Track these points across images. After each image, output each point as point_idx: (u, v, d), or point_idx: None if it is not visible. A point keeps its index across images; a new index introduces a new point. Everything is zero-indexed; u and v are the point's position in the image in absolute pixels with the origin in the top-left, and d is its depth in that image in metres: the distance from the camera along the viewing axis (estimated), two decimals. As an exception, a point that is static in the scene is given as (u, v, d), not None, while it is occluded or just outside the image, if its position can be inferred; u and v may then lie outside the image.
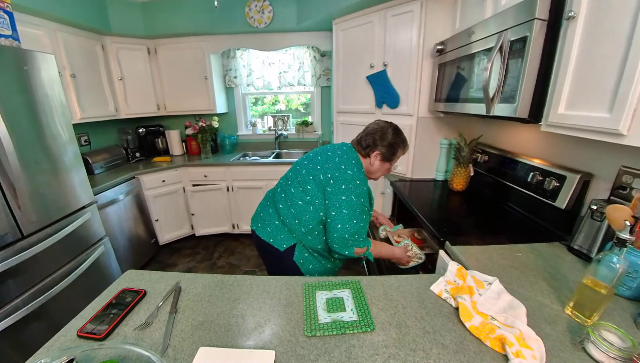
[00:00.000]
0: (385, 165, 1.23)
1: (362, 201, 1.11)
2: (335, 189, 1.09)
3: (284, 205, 1.18)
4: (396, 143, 1.20)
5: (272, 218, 1.21)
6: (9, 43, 1.47)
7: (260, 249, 1.28)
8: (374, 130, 1.21)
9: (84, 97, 2.32)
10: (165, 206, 2.80)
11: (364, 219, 1.12)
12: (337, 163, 1.13)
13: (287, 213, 1.16)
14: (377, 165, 1.21)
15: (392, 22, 1.91)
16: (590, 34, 0.84)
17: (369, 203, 1.19)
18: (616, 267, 0.68)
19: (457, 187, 1.76)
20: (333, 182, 1.10)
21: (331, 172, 1.12)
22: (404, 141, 1.23)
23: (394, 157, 1.22)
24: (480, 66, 1.28)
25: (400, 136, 1.22)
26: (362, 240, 1.13)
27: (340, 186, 1.09)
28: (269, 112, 3.47)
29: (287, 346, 0.67)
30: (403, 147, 1.23)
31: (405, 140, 1.23)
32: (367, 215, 1.15)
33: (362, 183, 1.12)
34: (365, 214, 1.13)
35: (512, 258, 1.03)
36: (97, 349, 0.64)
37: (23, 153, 1.42)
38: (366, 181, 1.17)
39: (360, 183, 1.11)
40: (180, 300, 0.84)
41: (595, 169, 1.13)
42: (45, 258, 1.55)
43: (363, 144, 1.20)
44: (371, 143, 1.19)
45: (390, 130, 1.20)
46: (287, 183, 1.21)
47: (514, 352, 0.61)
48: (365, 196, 1.14)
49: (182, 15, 2.64)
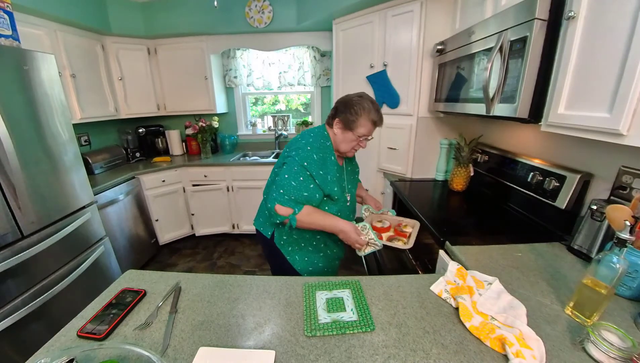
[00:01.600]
0: (348, 134, 1.12)
1: (306, 165, 1.07)
2: (287, 157, 1.12)
3: (266, 194, 1.21)
4: (356, 109, 1.09)
5: (262, 209, 1.28)
6: (9, 43, 1.47)
7: (261, 244, 1.33)
8: (339, 100, 1.16)
9: (84, 97, 2.32)
10: (165, 206, 2.80)
11: (300, 181, 1.06)
12: (297, 138, 1.17)
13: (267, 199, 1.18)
14: (339, 135, 1.14)
15: (392, 22, 1.91)
16: (590, 34, 0.84)
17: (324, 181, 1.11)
18: (616, 267, 0.68)
19: (457, 187, 1.76)
20: (287, 152, 1.15)
21: (289, 146, 1.16)
22: (368, 108, 1.09)
23: (355, 125, 1.10)
24: (480, 66, 1.28)
25: (363, 101, 1.10)
26: (288, 199, 1.06)
27: (291, 152, 1.11)
28: (269, 112, 3.47)
29: (287, 346, 0.67)
30: (366, 114, 1.09)
31: (369, 107, 1.10)
32: (305, 179, 1.07)
33: (313, 149, 1.10)
34: (304, 177, 1.07)
35: (512, 258, 1.03)
36: (97, 349, 0.64)
37: (23, 153, 1.42)
38: (324, 152, 1.12)
39: (311, 149, 1.09)
40: (180, 300, 0.84)
41: (595, 169, 1.13)
42: (45, 258, 1.55)
43: (329, 115, 1.19)
44: (334, 111, 1.15)
45: (354, 96, 1.13)
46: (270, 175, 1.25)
47: (514, 352, 0.61)
48: (312, 162, 1.08)
49: (182, 15, 2.64)
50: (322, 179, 1.11)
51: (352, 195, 1.31)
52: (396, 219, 1.44)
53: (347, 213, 1.28)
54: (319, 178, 1.10)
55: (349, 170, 1.31)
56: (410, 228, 1.35)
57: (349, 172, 1.31)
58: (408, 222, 1.41)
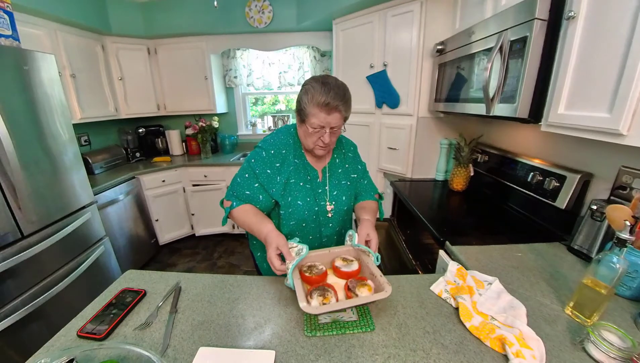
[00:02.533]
0: (303, 127, 0.94)
1: (252, 163, 1.00)
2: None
3: None
4: (302, 96, 0.90)
5: None
6: (9, 43, 1.47)
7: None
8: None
9: (84, 97, 2.32)
10: (165, 206, 2.80)
11: (244, 177, 0.99)
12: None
13: None
14: (299, 130, 0.98)
15: (392, 22, 1.91)
16: (590, 34, 0.84)
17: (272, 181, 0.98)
18: (616, 267, 0.68)
19: (457, 187, 1.76)
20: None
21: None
22: (312, 90, 0.87)
23: (303, 114, 0.91)
24: (480, 66, 1.28)
25: (310, 83, 0.89)
26: (231, 194, 1.01)
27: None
28: (269, 112, 3.47)
29: (287, 346, 0.67)
30: (309, 97, 0.87)
31: (315, 89, 0.87)
32: (250, 177, 0.99)
33: (265, 146, 1.00)
34: (249, 175, 0.99)
35: (512, 258, 1.03)
36: (97, 349, 0.64)
37: (23, 153, 1.42)
38: (284, 150, 1.00)
39: (262, 145, 1.01)
40: (180, 300, 0.84)
41: (595, 169, 1.13)
42: (45, 258, 1.55)
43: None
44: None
45: (310, 78, 0.93)
46: None
47: (514, 352, 0.61)
48: (260, 161, 0.98)
49: (182, 15, 2.64)
50: (268, 179, 0.98)
51: (340, 204, 1.06)
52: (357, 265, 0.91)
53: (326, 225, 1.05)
54: (263, 177, 0.98)
55: (338, 173, 1.08)
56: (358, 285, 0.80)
57: (338, 176, 1.08)
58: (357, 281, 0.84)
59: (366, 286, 0.76)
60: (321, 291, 0.75)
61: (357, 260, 0.91)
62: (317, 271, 0.86)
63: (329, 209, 1.05)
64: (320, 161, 1.07)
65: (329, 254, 0.94)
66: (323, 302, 0.71)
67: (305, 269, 0.87)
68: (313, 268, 0.87)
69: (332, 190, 1.06)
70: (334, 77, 0.92)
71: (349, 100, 0.92)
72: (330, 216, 1.05)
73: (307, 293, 0.76)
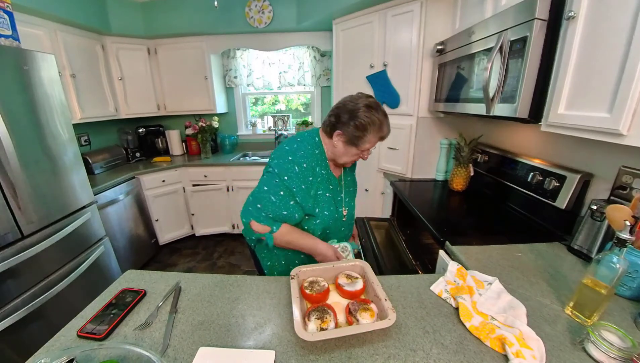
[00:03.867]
0: (352, 150, 0.99)
1: (286, 179, 0.95)
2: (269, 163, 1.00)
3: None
4: (364, 124, 0.93)
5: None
6: (9, 43, 1.47)
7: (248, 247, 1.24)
8: (344, 103, 0.98)
9: (84, 97, 2.32)
10: (165, 206, 2.80)
11: (280, 196, 0.95)
12: (284, 142, 1.04)
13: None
14: (340, 148, 0.99)
15: (392, 22, 1.91)
16: (590, 34, 0.84)
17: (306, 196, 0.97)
18: (616, 267, 0.68)
19: (457, 187, 1.76)
20: (270, 157, 1.01)
21: (274, 151, 1.03)
22: (378, 123, 0.95)
23: (361, 141, 0.96)
24: (480, 66, 1.28)
25: (372, 114, 0.94)
26: (265, 216, 0.96)
27: (273, 160, 0.99)
28: (269, 112, 3.47)
29: (287, 346, 0.67)
30: (376, 130, 0.95)
31: (379, 122, 0.95)
32: (286, 195, 0.95)
33: (295, 160, 0.96)
34: (285, 192, 0.95)
35: (512, 258, 1.03)
36: (97, 349, 0.64)
37: (23, 152, 1.42)
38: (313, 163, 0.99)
39: (292, 159, 0.96)
40: (180, 300, 0.84)
41: (595, 169, 1.13)
42: (45, 258, 1.55)
43: (326, 122, 1.01)
44: (334, 120, 0.98)
45: (362, 106, 0.94)
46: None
47: (514, 352, 0.61)
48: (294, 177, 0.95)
49: (182, 15, 2.64)
50: (303, 195, 0.97)
51: (351, 209, 1.16)
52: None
53: (340, 229, 1.13)
54: (300, 194, 0.96)
55: (347, 181, 1.15)
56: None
57: (348, 183, 1.15)
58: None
59: (369, 310, 0.72)
60: (320, 313, 0.72)
61: (362, 277, 0.87)
62: (319, 288, 0.82)
63: (344, 214, 1.13)
64: (337, 170, 1.11)
65: (333, 269, 0.89)
66: (321, 326, 0.68)
67: (307, 285, 0.83)
68: (315, 284, 0.83)
69: (345, 197, 1.13)
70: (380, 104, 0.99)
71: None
72: (344, 221, 1.13)
73: (306, 313, 0.73)
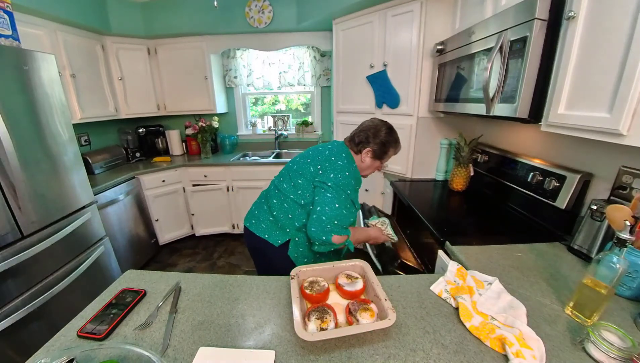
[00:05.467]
0: (376, 163, 1.24)
1: (349, 193, 1.13)
2: (324, 178, 1.12)
3: (277, 200, 1.20)
4: (388, 142, 1.21)
5: (266, 215, 1.23)
6: (9, 43, 1.47)
7: (251, 246, 1.29)
8: (368, 127, 1.22)
9: (84, 97, 2.32)
10: (165, 206, 2.80)
11: (347, 208, 1.12)
12: (327, 156, 1.18)
13: (280, 208, 1.18)
14: (367, 162, 1.22)
15: (392, 22, 1.91)
16: (590, 34, 0.84)
17: (357, 202, 1.20)
18: (616, 267, 0.68)
19: (457, 187, 1.76)
20: (322, 172, 1.14)
21: (321, 163, 1.16)
22: (397, 141, 1.24)
23: (385, 155, 1.23)
24: (480, 66, 1.28)
25: (393, 135, 1.23)
26: (343, 228, 1.11)
27: (329, 175, 1.12)
28: (269, 112, 3.47)
29: (287, 346, 0.67)
30: (395, 146, 1.24)
31: (397, 140, 1.24)
32: (351, 206, 1.15)
33: (351, 174, 1.14)
34: (350, 204, 1.14)
35: (512, 258, 1.03)
36: (97, 349, 0.64)
37: (23, 153, 1.42)
38: (357, 176, 1.19)
39: (349, 174, 1.13)
40: (180, 300, 0.84)
41: (595, 169, 1.13)
42: (45, 258, 1.55)
43: (356, 141, 1.22)
44: (364, 139, 1.20)
45: (384, 128, 1.21)
46: (280, 180, 1.24)
47: (514, 352, 0.61)
48: (352, 189, 1.14)
49: (182, 15, 2.64)
50: (357, 201, 1.19)
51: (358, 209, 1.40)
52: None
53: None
54: (356, 202, 1.18)
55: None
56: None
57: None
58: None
59: (368, 310, 0.73)
60: (320, 313, 0.72)
61: (362, 277, 0.87)
62: (319, 288, 0.82)
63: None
64: None
65: (333, 269, 0.90)
66: (321, 326, 0.69)
67: (307, 285, 0.83)
68: (315, 284, 0.84)
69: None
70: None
71: None
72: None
73: (306, 313, 0.74)
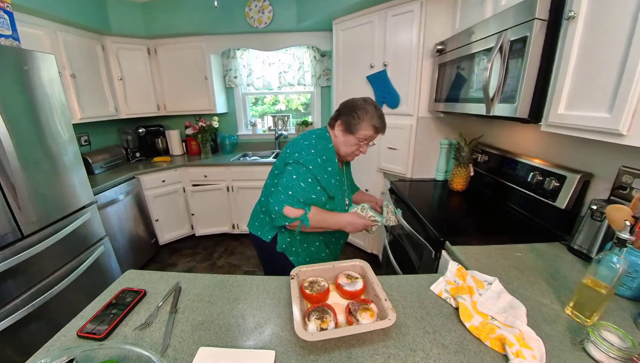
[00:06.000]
0: (349, 138, 1.12)
1: (311, 168, 1.06)
2: (289, 158, 1.10)
3: (264, 197, 1.21)
4: (359, 113, 1.08)
5: (258, 212, 1.27)
6: (9, 43, 1.47)
7: (255, 246, 1.32)
8: (345, 102, 1.15)
9: (84, 97, 2.32)
10: (165, 206, 2.80)
11: (308, 182, 1.06)
12: (297, 139, 1.15)
13: (267, 203, 1.17)
14: (340, 137, 1.13)
15: (392, 22, 1.91)
16: (590, 34, 0.84)
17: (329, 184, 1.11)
18: (616, 267, 0.68)
19: (457, 187, 1.76)
20: (289, 153, 1.12)
21: (290, 147, 1.14)
22: (371, 112, 1.09)
23: (356, 128, 1.09)
24: (480, 66, 1.28)
25: (367, 104, 1.10)
26: (297, 200, 1.04)
27: (294, 154, 1.09)
28: (269, 112, 3.47)
29: (287, 346, 0.67)
30: (369, 118, 1.09)
31: (372, 110, 1.09)
32: (314, 182, 1.07)
33: (317, 152, 1.09)
34: (313, 180, 1.07)
35: (512, 258, 1.03)
36: (97, 349, 0.64)
37: (23, 153, 1.42)
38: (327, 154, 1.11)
39: (315, 151, 1.09)
40: (180, 300, 0.84)
41: (595, 169, 1.13)
42: (45, 258, 1.55)
43: (332, 117, 1.18)
44: (337, 113, 1.16)
45: (359, 100, 1.12)
46: (269, 176, 1.24)
47: (514, 352, 0.61)
48: (317, 166, 1.07)
49: (182, 15, 2.64)
50: (326, 182, 1.10)
51: (350, 199, 1.31)
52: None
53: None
54: (323, 182, 1.09)
55: (348, 173, 1.33)
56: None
57: (349, 176, 1.34)
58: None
59: (368, 310, 0.72)
60: (320, 313, 0.72)
61: (361, 277, 0.87)
62: (319, 288, 0.82)
63: (347, 202, 1.25)
64: (340, 162, 1.22)
65: (333, 269, 0.90)
66: (321, 327, 0.69)
67: (307, 285, 0.83)
68: (315, 284, 0.84)
69: (347, 188, 1.27)
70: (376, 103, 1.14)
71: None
72: (346, 209, 1.23)
73: (306, 313, 0.73)
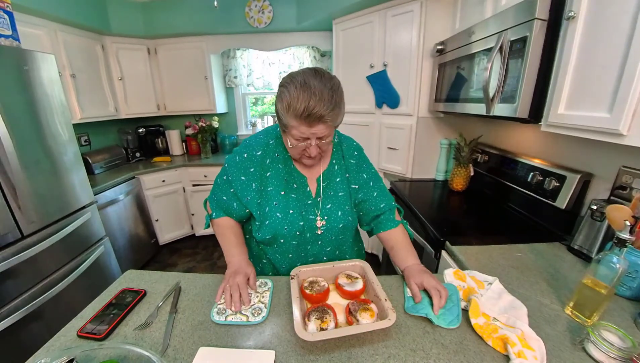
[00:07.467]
0: (285, 137, 0.79)
1: (226, 167, 0.89)
2: None
3: None
4: (281, 101, 0.72)
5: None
6: (9, 43, 1.47)
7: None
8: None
9: (84, 97, 2.32)
10: (165, 206, 2.80)
11: (222, 179, 0.89)
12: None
13: None
14: (283, 137, 0.82)
15: (392, 22, 1.91)
16: (590, 34, 0.84)
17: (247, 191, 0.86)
18: (616, 267, 0.68)
19: (457, 187, 1.76)
20: None
21: None
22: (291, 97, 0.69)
23: (282, 124, 0.76)
24: (480, 66, 1.28)
25: (289, 86, 0.70)
26: (211, 198, 0.94)
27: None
28: (269, 112, 3.46)
29: (287, 346, 0.67)
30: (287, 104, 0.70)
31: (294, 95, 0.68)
32: (226, 181, 0.89)
33: (243, 149, 0.87)
34: (226, 177, 0.88)
35: (512, 258, 1.03)
36: (97, 349, 0.64)
37: (23, 153, 1.42)
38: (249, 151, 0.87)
39: (240, 148, 0.89)
40: (180, 300, 0.84)
41: (595, 169, 1.13)
42: (45, 258, 1.55)
43: None
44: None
45: (287, 77, 0.74)
46: None
47: (516, 352, 0.61)
48: (234, 166, 0.87)
49: (182, 15, 2.64)
50: (242, 187, 0.86)
51: (335, 221, 0.89)
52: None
53: (311, 243, 0.90)
54: (237, 184, 0.86)
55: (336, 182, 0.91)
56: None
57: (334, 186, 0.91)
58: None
59: (369, 311, 0.71)
60: (320, 313, 0.71)
61: (362, 277, 0.85)
62: (319, 288, 0.80)
63: (319, 225, 0.88)
64: (313, 169, 0.90)
65: (333, 269, 0.88)
66: (321, 327, 0.68)
67: (307, 285, 0.82)
68: (315, 284, 0.82)
69: (325, 203, 0.89)
70: (319, 74, 0.71)
71: (338, 104, 0.71)
72: (319, 234, 0.89)
73: (306, 313, 0.72)
